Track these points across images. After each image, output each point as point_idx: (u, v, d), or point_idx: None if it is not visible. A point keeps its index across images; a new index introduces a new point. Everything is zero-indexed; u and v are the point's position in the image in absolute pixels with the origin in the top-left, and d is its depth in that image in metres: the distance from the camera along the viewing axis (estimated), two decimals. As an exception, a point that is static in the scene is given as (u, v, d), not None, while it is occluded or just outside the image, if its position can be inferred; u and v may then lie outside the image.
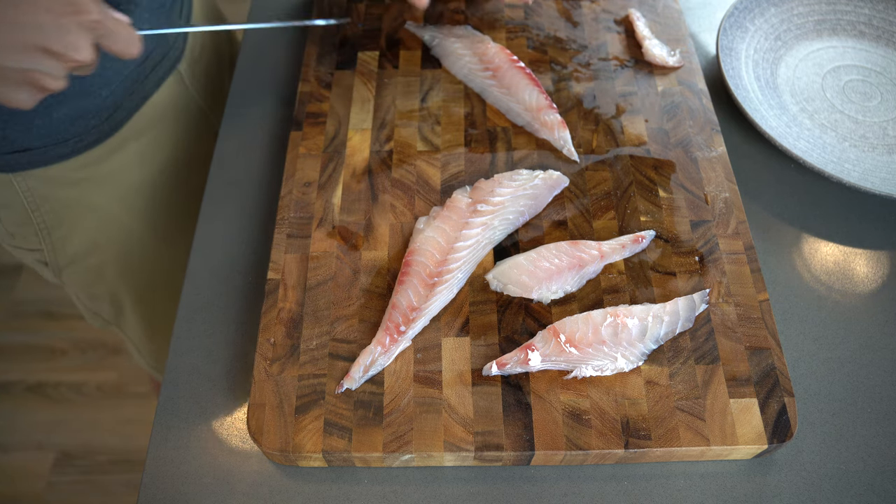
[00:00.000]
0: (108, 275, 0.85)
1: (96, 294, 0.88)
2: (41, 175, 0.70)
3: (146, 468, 0.53)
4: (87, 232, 0.79)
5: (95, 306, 0.91)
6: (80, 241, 0.79)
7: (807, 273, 0.63)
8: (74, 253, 0.80)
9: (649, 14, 0.77)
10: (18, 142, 0.66)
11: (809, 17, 0.80)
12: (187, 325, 0.60)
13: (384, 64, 0.73)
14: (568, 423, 0.51)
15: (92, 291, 0.88)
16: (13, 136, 0.66)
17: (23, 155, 0.68)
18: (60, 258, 0.80)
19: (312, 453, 0.50)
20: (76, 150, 0.70)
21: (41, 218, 0.74)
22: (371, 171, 0.64)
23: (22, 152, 0.67)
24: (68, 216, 0.76)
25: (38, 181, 0.71)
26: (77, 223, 0.77)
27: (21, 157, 0.68)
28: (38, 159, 0.69)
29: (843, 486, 0.52)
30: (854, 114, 0.74)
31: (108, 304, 0.90)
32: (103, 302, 0.89)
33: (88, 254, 0.81)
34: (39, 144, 0.68)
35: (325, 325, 0.56)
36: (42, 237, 0.77)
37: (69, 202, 0.75)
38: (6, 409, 1.46)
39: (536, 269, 0.56)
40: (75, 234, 0.78)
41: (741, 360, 0.54)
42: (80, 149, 0.70)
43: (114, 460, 1.40)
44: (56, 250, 0.79)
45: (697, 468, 0.53)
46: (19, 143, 0.66)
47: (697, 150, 0.66)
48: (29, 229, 0.76)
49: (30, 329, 1.57)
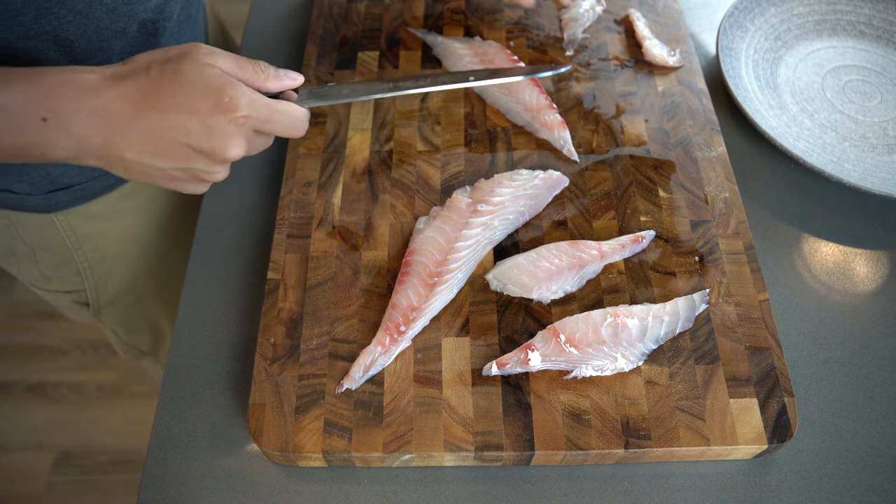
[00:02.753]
0: (148, 306, 0.83)
1: (136, 327, 0.86)
2: (84, 212, 0.68)
3: (146, 468, 0.53)
4: (130, 265, 0.77)
5: (134, 340, 0.89)
6: (123, 276, 0.77)
7: (807, 273, 0.63)
8: (117, 290, 0.78)
9: (649, 14, 0.77)
10: (60, 180, 0.64)
11: (809, 17, 0.80)
12: (187, 325, 0.60)
13: (384, 64, 0.73)
14: (568, 423, 0.51)
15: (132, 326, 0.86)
16: (55, 174, 0.63)
17: (65, 193, 0.65)
18: (102, 297, 0.78)
19: (312, 453, 0.50)
20: (118, 182, 0.68)
21: (84, 257, 0.72)
22: (371, 171, 0.64)
23: (64, 190, 0.65)
24: (112, 252, 0.74)
25: (81, 218, 0.68)
26: (121, 258, 0.75)
27: (63, 195, 0.65)
28: (81, 195, 0.66)
29: (843, 486, 0.52)
30: (854, 114, 0.74)
31: (148, 334, 0.88)
32: (143, 334, 0.88)
33: (130, 289, 0.79)
34: (82, 180, 0.65)
35: (325, 325, 0.56)
36: (85, 276, 0.74)
37: (113, 237, 0.72)
38: (6, 409, 1.46)
39: (536, 269, 0.56)
40: (118, 270, 0.76)
41: (741, 360, 0.54)
42: (120, 179, 0.68)
43: (114, 460, 1.40)
44: (98, 289, 0.76)
45: (697, 468, 0.53)
46: (61, 181, 0.64)
47: (697, 150, 0.66)
48: (69, 270, 0.73)
49: (30, 329, 1.57)
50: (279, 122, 0.49)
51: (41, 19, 0.52)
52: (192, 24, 0.69)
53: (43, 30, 0.52)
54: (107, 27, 0.56)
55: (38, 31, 0.52)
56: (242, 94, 0.46)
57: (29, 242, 0.70)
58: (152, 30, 0.60)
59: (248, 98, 0.46)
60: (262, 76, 0.49)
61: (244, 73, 0.48)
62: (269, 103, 0.48)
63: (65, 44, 0.54)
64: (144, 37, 0.60)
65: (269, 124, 0.48)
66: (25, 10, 0.50)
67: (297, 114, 0.50)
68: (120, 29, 0.57)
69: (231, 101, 0.45)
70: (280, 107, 0.49)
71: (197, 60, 0.46)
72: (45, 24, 0.52)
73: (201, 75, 0.45)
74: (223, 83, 0.46)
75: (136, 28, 0.58)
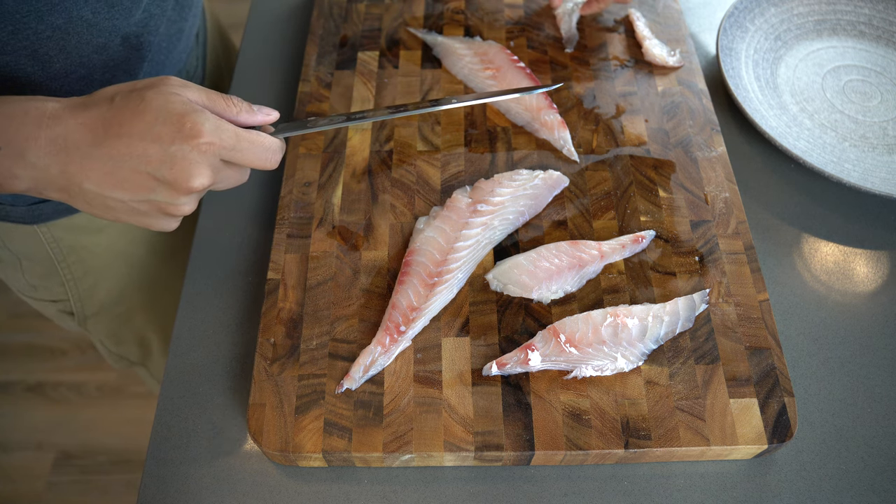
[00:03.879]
0: (137, 320, 0.82)
1: (123, 339, 0.85)
2: (67, 224, 0.67)
3: (146, 468, 0.53)
4: (116, 279, 0.76)
5: (122, 350, 0.88)
6: (109, 289, 0.76)
7: (807, 273, 0.63)
8: (102, 302, 0.77)
9: (649, 14, 0.77)
10: None
11: (809, 17, 0.80)
12: (187, 326, 0.60)
13: (384, 64, 0.73)
14: (568, 423, 0.51)
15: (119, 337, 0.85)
16: None
17: (48, 205, 0.65)
18: (88, 308, 0.77)
19: (312, 453, 0.50)
20: None
21: (68, 269, 0.71)
22: (371, 171, 0.64)
23: (46, 202, 0.64)
24: (96, 264, 0.73)
25: (64, 230, 0.68)
26: (105, 271, 0.74)
27: (46, 207, 0.65)
28: (65, 208, 0.66)
29: (843, 486, 0.52)
30: (854, 114, 0.74)
31: (136, 346, 0.87)
32: (130, 345, 0.87)
33: (117, 302, 0.78)
34: None
35: (325, 325, 0.56)
36: (69, 288, 0.73)
37: (97, 250, 0.71)
38: (6, 409, 1.46)
39: (536, 269, 0.56)
40: (104, 283, 0.75)
41: (741, 360, 0.54)
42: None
43: (114, 460, 1.40)
44: (83, 300, 0.76)
45: (697, 468, 0.53)
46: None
47: (697, 150, 0.66)
48: (54, 280, 0.73)
49: (30, 329, 1.57)
50: (247, 151, 0.46)
51: (17, 34, 0.50)
52: (184, 39, 0.67)
53: (20, 45, 0.51)
54: (88, 42, 0.54)
55: (15, 47, 0.51)
56: (206, 119, 0.44)
57: (15, 252, 0.70)
58: (136, 44, 0.58)
59: (212, 124, 0.44)
60: (234, 109, 0.47)
61: (215, 105, 0.46)
62: (237, 131, 0.46)
63: (43, 59, 0.53)
64: (127, 51, 0.58)
65: (236, 153, 0.46)
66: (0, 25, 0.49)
67: (268, 143, 0.47)
68: (101, 44, 0.55)
69: (193, 128, 0.43)
70: (248, 135, 0.46)
71: (163, 90, 0.44)
72: (22, 39, 0.50)
73: (164, 102, 0.43)
74: (186, 109, 0.43)
75: (118, 42, 0.57)
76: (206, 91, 0.47)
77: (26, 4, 0.49)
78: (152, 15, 0.59)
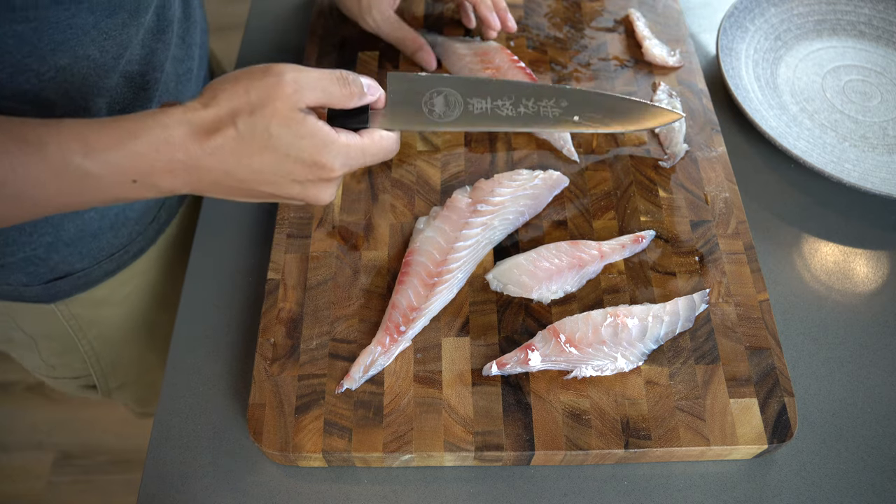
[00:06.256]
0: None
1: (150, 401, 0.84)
2: (86, 299, 0.65)
3: (146, 468, 0.53)
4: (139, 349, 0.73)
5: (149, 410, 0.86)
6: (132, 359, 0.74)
7: (807, 273, 0.63)
8: (126, 373, 0.75)
9: (649, 14, 0.77)
10: (59, 268, 0.61)
11: (809, 17, 0.80)
12: (187, 326, 0.60)
13: (384, 64, 0.73)
14: (568, 423, 0.51)
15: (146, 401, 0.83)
16: (54, 262, 0.60)
17: (65, 281, 0.62)
18: (112, 381, 0.75)
19: (312, 453, 0.50)
20: (121, 265, 0.65)
21: (89, 345, 0.69)
22: (371, 171, 0.64)
23: (64, 278, 0.62)
24: (118, 336, 0.71)
25: (82, 306, 0.65)
26: (128, 341, 0.72)
27: (63, 283, 0.62)
28: (83, 283, 0.63)
29: (843, 486, 0.52)
30: (854, 114, 0.74)
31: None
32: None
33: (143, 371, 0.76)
34: (82, 267, 0.62)
35: (325, 325, 0.56)
36: (90, 364, 0.71)
37: (118, 321, 0.69)
38: (6, 409, 1.46)
39: (536, 269, 0.56)
40: (126, 353, 0.73)
41: (741, 360, 0.54)
42: (125, 262, 0.65)
43: (114, 460, 1.40)
44: (106, 375, 0.74)
45: (697, 468, 0.53)
46: (60, 270, 0.61)
47: (697, 150, 0.66)
48: (74, 356, 0.70)
49: (30, 329, 1.57)
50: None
51: (17, 77, 0.46)
52: (193, 81, 0.66)
53: (20, 89, 0.47)
54: (92, 84, 0.51)
55: (14, 91, 0.47)
56: (336, 156, 0.45)
57: (29, 333, 0.68)
58: (141, 83, 0.56)
59: (342, 160, 0.46)
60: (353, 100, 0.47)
61: (331, 98, 0.46)
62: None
63: (44, 104, 0.49)
64: (133, 91, 0.56)
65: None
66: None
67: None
68: (105, 85, 0.53)
69: (325, 167, 0.45)
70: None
71: (286, 116, 0.43)
72: (23, 82, 0.47)
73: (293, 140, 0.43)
74: (316, 148, 0.44)
75: (121, 83, 0.54)
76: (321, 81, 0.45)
77: (28, 44, 0.45)
78: (154, 50, 0.56)
